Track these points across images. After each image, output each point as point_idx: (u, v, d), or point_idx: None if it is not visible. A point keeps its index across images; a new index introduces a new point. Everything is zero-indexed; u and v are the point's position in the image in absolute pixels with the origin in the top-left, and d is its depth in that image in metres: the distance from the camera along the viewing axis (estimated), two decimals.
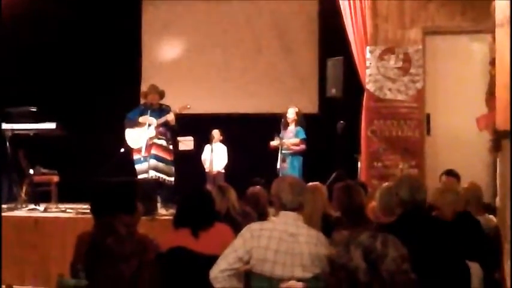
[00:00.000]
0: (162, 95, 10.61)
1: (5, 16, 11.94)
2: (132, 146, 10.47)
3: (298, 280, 4.19)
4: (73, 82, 13.32)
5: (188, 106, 10.32)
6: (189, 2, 13.79)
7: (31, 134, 10.76)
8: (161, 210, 9.76)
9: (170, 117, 10.27)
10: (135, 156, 10.44)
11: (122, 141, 10.55)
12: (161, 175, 10.31)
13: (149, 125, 10.24)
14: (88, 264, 2.63)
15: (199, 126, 11.81)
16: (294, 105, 11.14)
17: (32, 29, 12.87)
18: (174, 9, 13.88)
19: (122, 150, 10.56)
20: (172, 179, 10.48)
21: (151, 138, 10.27)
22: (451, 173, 8.29)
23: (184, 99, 10.85)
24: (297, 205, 4.49)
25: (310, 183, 6.39)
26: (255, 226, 4.48)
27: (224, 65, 13.62)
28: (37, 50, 13.04)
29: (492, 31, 9.19)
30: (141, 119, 10.37)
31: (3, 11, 11.72)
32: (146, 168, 10.18)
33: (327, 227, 5.36)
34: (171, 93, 10.93)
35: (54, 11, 12.94)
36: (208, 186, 9.67)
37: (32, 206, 10.33)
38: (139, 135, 10.34)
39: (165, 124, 10.38)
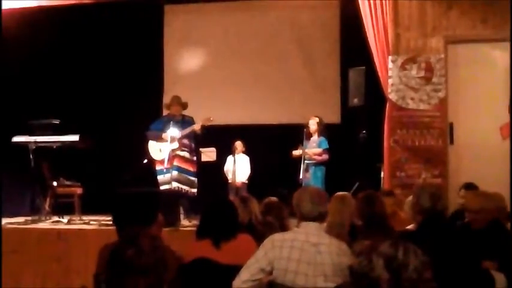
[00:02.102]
0: (184, 106, 10.64)
1: (28, 28, 12.07)
2: (154, 158, 10.50)
3: None
4: (96, 94, 13.40)
5: (211, 118, 10.33)
6: (210, 13, 13.83)
7: (54, 147, 10.82)
8: (184, 222, 9.77)
9: (197, 126, 10.28)
10: (158, 167, 10.47)
11: (145, 153, 10.58)
12: (183, 186, 10.32)
13: (172, 138, 10.26)
14: (108, 275, 2.63)
15: (221, 137, 11.79)
16: (316, 115, 11.12)
17: (55, 41, 12.97)
18: (195, 21, 13.92)
19: (145, 161, 10.59)
20: (195, 190, 10.48)
21: (174, 150, 10.29)
22: (470, 187, 8.20)
23: (206, 110, 10.89)
24: (318, 215, 4.48)
25: (339, 193, 6.38)
26: (276, 237, 4.48)
27: (246, 75, 13.62)
28: (60, 62, 13.13)
29: None
30: (163, 136, 10.39)
31: (26, 22, 11.85)
32: (168, 180, 10.20)
33: (353, 236, 5.36)
34: (193, 104, 10.94)
35: (76, 23, 13.03)
36: (231, 197, 9.67)
37: (55, 218, 10.40)
38: (162, 147, 10.37)
39: (191, 135, 10.40)
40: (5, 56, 11.46)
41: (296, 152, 10.84)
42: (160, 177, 10.40)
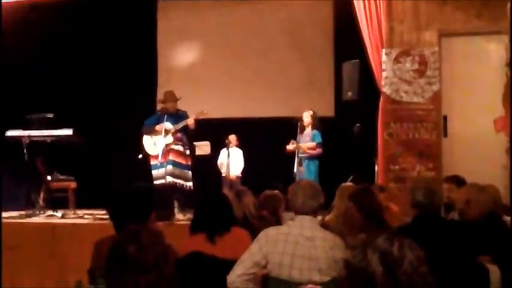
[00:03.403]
0: (177, 100, 10.63)
1: (22, 23, 12.05)
2: (149, 153, 10.49)
3: (316, 284, 4.18)
4: (90, 89, 13.37)
5: (205, 112, 10.33)
6: (203, 8, 13.78)
7: (48, 141, 10.80)
8: (178, 216, 9.75)
9: (190, 121, 10.27)
10: (152, 162, 10.46)
11: (139, 147, 10.57)
12: (178, 180, 10.32)
13: (166, 131, 10.25)
14: (108, 271, 2.62)
15: (214, 130, 11.79)
16: (310, 108, 11.11)
17: (49, 35, 12.94)
18: (188, 15, 13.89)
19: (140, 156, 10.57)
20: (191, 183, 10.48)
21: (168, 145, 10.28)
22: (452, 179, 8.19)
23: (200, 104, 10.87)
24: (312, 209, 4.49)
25: (343, 184, 6.37)
26: (271, 231, 4.49)
27: (239, 69, 13.60)
28: (53, 56, 13.09)
29: (508, 32, 9.18)
30: (157, 127, 10.39)
31: (19, 17, 11.84)
32: (163, 174, 10.19)
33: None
34: (187, 98, 10.92)
35: (69, 18, 13.00)
36: (225, 191, 9.66)
37: (49, 213, 10.37)
38: (157, 142, 10.36)
39: (183, 129, 10.39)
40: None
41: (290, 147, 10.83)
42: (154, 172, 10.39)
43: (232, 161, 12.05)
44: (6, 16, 11.56)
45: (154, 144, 10.41)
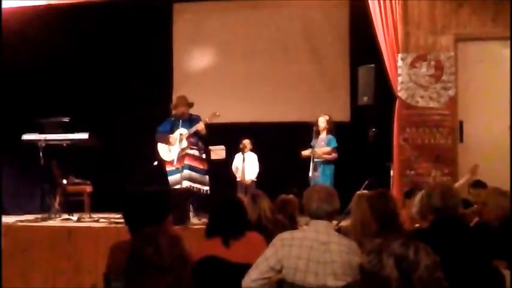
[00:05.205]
0: (191, 105, 10.61)
1: (39, 27, 12.10)
2: (164, 159, 10.49)
3: None
4: (106, 93, 13.39)
5: (217, 114, 10.31)
6: (219, 11, 13.78)
7: (64, 145, 10.85)
8: (194, 220, 9.75)
9: (200, 126, 10.26)
10: (168, 168, 10.46)
11: (155, 152, 10.58)
12: (196, 185, 10.31)
13: (181, 136, 10.25)
14: (127, 272, 2.63)
15: (229, 135, 11.79)
16: (325, 113, 11.10)
17: (64, 39, 12.97)
18: (204, 19, 13.88)
19: (155, 163, 10.57)
20: (207, 188, 10.47)
21: (183, 150, 10.28)
22: (477, 184, 8.21)
23: (215, 108, 10.84)
24: (327, 213, 4.47)
25: (359, 192, 6.35)
26: (286, 235, 4.47)
27: (255, 73, 13.57)
28: (69, 61, 13.12)
29: None
30: (171, 139, 10.39)
31: (36, 21, 11.90)
32: (179, 179, 10.18)
33: None
34: (202, 102, 10.94)
35: (85, 21, 13.04)
36: (240, 195, 9.64)
37: (65, 216, 10.40)
38: (172, 148, 10.36)
39: (196, 134, 10.38)
40: (15, 54, 11.51)
41: (305, 152, 10.82)
42: (171, 178, 10.39)
43: (247, 166, 12.03)
44: (23, 20, 11.63)
45: (169, 150, 10.42)
